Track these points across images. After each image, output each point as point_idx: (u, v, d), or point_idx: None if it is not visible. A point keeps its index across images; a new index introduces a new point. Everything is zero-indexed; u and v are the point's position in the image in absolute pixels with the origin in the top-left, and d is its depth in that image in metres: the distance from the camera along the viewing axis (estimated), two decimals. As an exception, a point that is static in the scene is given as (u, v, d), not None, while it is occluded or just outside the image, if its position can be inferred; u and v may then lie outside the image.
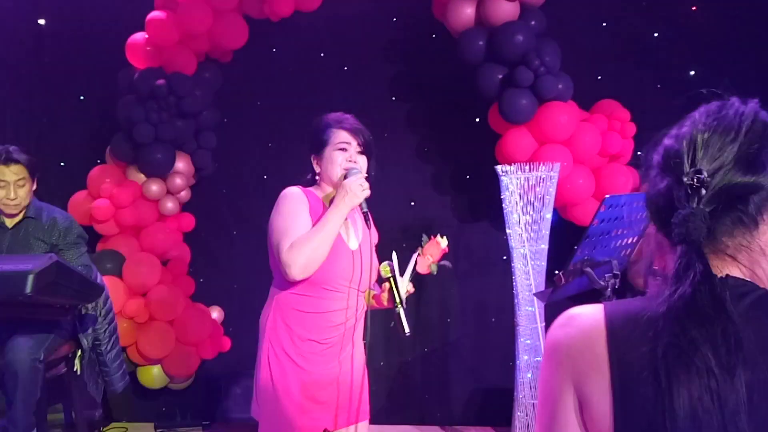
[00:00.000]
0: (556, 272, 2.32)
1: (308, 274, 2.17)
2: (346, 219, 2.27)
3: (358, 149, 2.31)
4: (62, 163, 4.73)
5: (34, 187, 3.14)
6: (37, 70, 4.83)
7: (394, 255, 2.27)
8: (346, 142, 2.30)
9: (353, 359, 2.34)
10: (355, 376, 2.35)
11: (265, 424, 2.35)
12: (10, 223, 3.07)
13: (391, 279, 2.22)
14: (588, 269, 2.13)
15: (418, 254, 2.29)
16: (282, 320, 2.29)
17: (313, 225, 2.20)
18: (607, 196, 2.01)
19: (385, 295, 2.26)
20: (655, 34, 4.35)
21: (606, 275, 2.16)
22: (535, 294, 3.32)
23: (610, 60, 4.35)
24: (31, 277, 2.30)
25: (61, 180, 4.61)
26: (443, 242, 2.30)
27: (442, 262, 2.31)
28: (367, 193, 2.23)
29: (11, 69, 4.83)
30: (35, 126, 4.82)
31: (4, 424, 3.05)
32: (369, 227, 2.28)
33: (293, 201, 2.27)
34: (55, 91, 4.82)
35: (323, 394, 2.28)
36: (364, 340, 2.35)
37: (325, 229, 2.16)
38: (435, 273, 2.29)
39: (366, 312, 2.32)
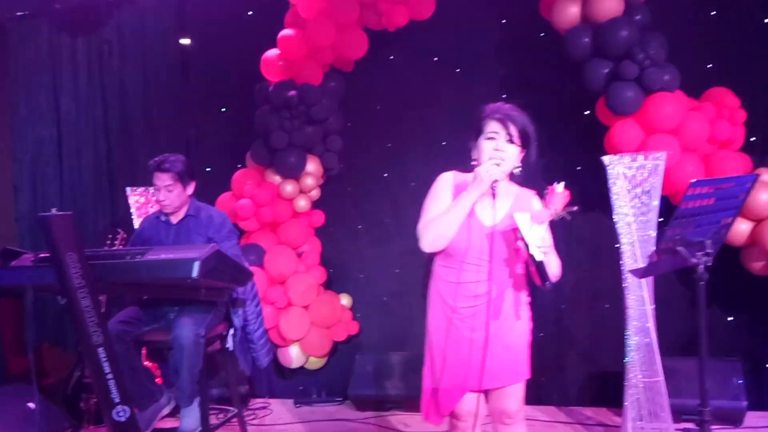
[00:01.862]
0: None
1: (437, 248, 2.52)
2: (492, 197, 2.49)
3: (507, 138, 2.49)
4: (208, 168, 5.31)
5: (191, 190, 3.67)
6: (184, 86, 5.46)
7: (518, 215, 2.38)
8: (495, 132, 2.50)
9: (502, 328, 2.53)
10: (504, 342, 2.52)
11: (425, 379, 2.70)
12: (174, 219, 3.64)
13: (521, 233, 2.33)
14: (680, 248, 2.32)
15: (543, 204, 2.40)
16: (435, 288, 2.64)
17: None
18: (693, 180, 2.20)
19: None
20: (766, 20, 4.35)
21: (698, 253, 2.34)
22: (630, 271, 3.47)
23: (719, 49, 4.38)
24: (197, 264, 2.76)
25: (208, 183, 5.16)
26: (559, 188, 2.37)
27: (569, 209, 2.37)
28: (494, 177, 2.42)
29: (163, 86, 5.48)
30: (184, 136, 5.45)
31: (173, 392, 3.60)
32: (493, 206, 2.48)
33: (439, 184, 2.64)
34: (201, 104, 5.43)
35: (469, 358, 2.53)
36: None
37: (453, 210, 2.48)
38: (568, 218, 2.36)
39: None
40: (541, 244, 2.36)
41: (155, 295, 3.45)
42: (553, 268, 2.52)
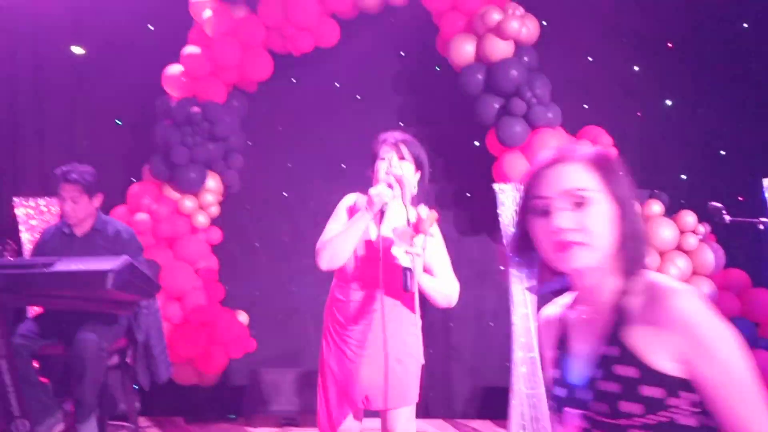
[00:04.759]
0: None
1: (333, 266, 2.61)
2: (380, 220, 2.61)
3: (399, 156, 2.67)
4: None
5: (97, 203, 3.63)
6: (77, 96, 5.33)
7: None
8: (388, 152, 2.69)
9: (392, 349, 2.60)
10: (391, 363, 2.59)
11: (318, 396, 2.75)
12: (79, 232, 3.59)
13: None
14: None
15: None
16: (330, 306, 2.73)
17: None
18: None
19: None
20: (636, 68, 4.88)
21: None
22: (527, 288, 3.78)
23: (595, 91, 4.87)
24: (111, 275, 2.77)
25: (100, 196, 5.09)
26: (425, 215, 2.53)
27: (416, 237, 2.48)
28: (384, 199, 2.55)
29: (54, 93, 5.32)
30: (75, 147, 5.31)
31: (70, 406, 3.52)
32: (379, 224, 2.60)
33: (340, 205, 2.76)
34: (94, 115, 5.32)
35: (357, 376, 2.62)
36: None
37: (347, 231, 2.58)
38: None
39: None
40: (407, 249, 2.45)
41: (58, 307, 3.39)
42: (445, 291, 2.65)
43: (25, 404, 2.93)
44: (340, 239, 2.59)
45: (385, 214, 2.63)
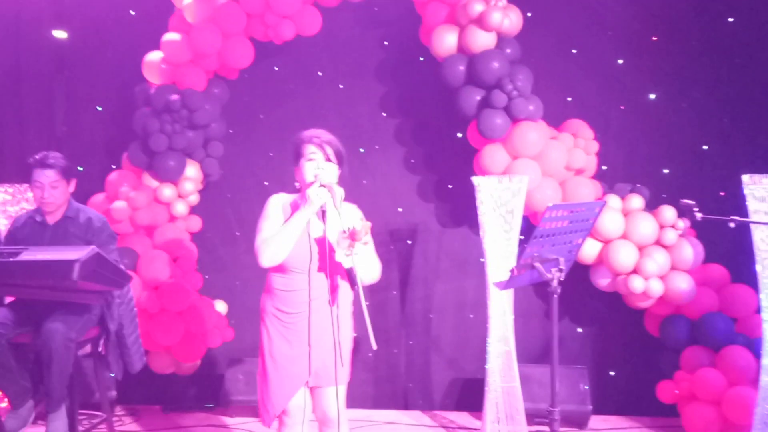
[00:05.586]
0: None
1: (275, 263, 2.72)
2: (323, 217, 2.71)
3: (326, 158, 2.76)
4: (80, 168, 5.14)
5: (72, 189, 3.60)
6: (57, 82, 5.27)
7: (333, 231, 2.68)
8: (314, 153, 2.77)
9: (327, 332, 2.73)
10: (330, 345, 2.74)
11: (259, 381, 2.88)
12: (51, 220, 3.55)
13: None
14: (537, 264, 2.60)
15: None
16: (268, 297, 2.85)
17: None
18: (550, 204, 2.48)
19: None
20: (620, 61, 4.84)
21: (553, 269, 2.63)
22: (494, 283, 3.76)
23: (578, 83, 4.84)
24: (77, 265, 2.75)
25: (80, 183, 5.03)
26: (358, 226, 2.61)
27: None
28: (323, 200, 2.66)
29: (33, 79, 5.27)
30: (55, 133, 5.27)
31: (39, 396, 3.51)
32: (324, 222, 2.71)
33: (271, 205, 2.85)
34: (75, 101, 5.26)
35: (300, 358, 2.74)
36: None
37: (288, 228, 2.69)
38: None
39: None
40: (347, 253, 2.59)
41: (27, 296, 3.35)
42: (371, 271, 2.79)
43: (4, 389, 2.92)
44: (281, 237, 2.70)
45: (327, 213, 2.71)
